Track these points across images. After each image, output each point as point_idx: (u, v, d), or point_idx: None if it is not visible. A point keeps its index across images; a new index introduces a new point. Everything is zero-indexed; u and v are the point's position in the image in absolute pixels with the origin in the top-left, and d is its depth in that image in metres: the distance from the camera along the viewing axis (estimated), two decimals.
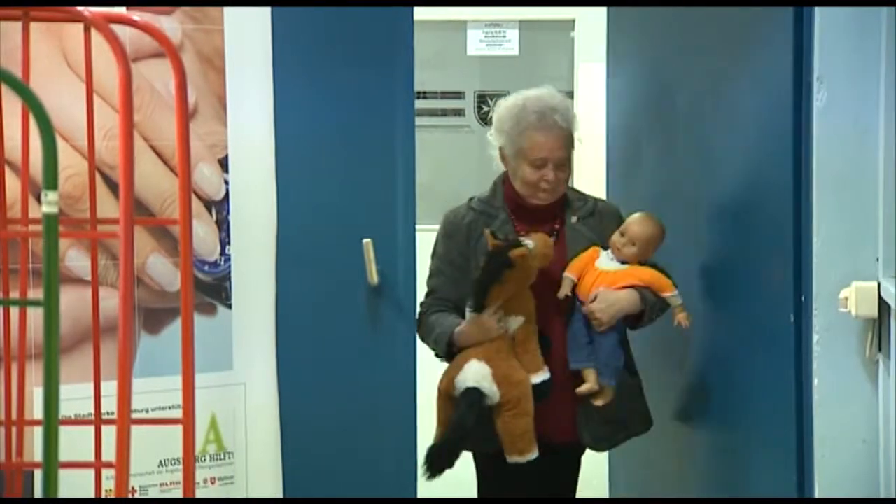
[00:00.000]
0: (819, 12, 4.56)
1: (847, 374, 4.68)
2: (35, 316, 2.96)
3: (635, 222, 4.56)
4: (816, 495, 4.65)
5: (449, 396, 4.46)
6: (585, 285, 4.58)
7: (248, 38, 4.47)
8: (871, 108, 4.54)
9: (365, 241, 4.58)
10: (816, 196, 4.64)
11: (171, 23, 4.17)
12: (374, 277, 4.61)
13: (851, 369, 4.67)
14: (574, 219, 4.65)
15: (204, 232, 4.36)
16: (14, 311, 3.20)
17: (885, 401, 4.55)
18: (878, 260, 4.51)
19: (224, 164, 4.45)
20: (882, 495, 4.49)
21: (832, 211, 4.63)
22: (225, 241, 4.49)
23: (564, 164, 4.52)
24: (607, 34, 6.66)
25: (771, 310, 4.71)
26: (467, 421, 4.35)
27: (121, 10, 3.92)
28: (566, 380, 4.54)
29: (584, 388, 4.49)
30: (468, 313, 4.51)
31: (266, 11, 4.47)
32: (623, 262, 4.53)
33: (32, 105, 2.82)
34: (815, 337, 4.68)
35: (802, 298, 4.70)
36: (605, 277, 4.51)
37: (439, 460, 4.35)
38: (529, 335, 4.47)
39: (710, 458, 5.13)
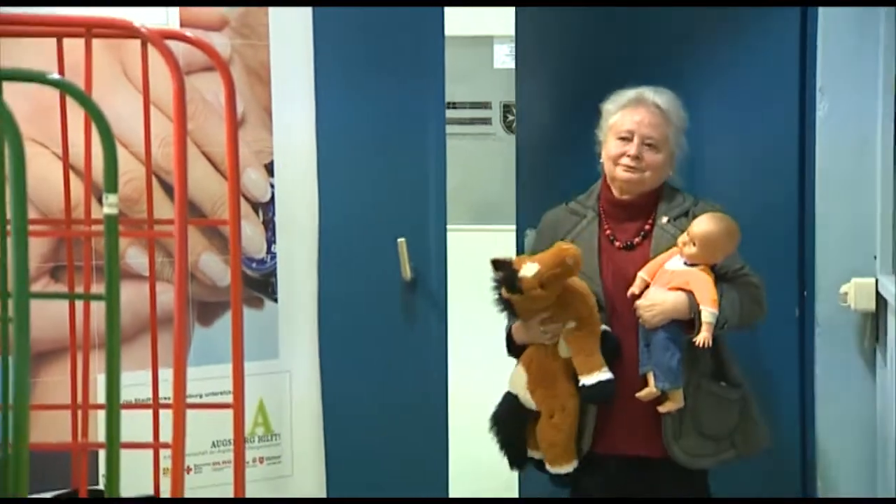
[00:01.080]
0: (821, 27, 4.62)
1: (846, 363, 4.70)
2: (98, 309, 2.98)
3: (697, 220, 3.94)
4: (818, 473, 4.68)
5: None
6: None
7: (292, 52, 4.47)
8: (870, 117, 4.55)
9: (400, 240, 4.58)
10: (819, 198, 4.68)
11: (220, 39, 4.19)
12: (407, 274, 4.62)
13: (851, 359, 4.69)
14: (664, 219, 4.09)
15: (252, 231, 4.37)
16: (79, 305, 3.22)
17: (882, 387, 4.56)
18: (875, 258, 4.53)
19: (270, 168, 4.46)
20: (878, 472, 4.50)
21: (833, 212, 4.66)
22: (271, 240, 4.50)
23: (654, 146, 4.02)
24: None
25: (776, 304, 4.63)
26: (500, 422, 4.13)
27: (175, 27, 3.97)
28: (642, 387, 3.97)
29: (642, 393, 3.91)
30: None
31: (308, 27, 4.47)
32: (690, 265, 3.92)
33: (94, 115, 2.84)
34: (818, 329, 4.71)
35: (805, 293, 4.72)
36: (664, 277, 3.95)
37: (510, 462, 4.20)
38: (584, 338, 3.97)
39: None
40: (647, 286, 4.00)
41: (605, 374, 3.92)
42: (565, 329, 3.99)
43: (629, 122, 4.01)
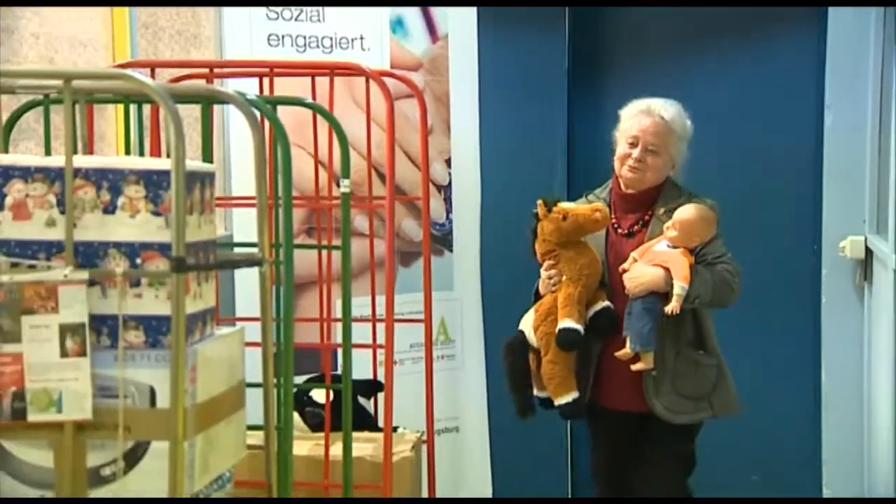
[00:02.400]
0: (829, 60, 4.57)
1: (844, 295, 4.65)
2: (336, 256, 3.05)
3: (680, 209, 3.38)
4: (823, 368, 4.63)
5: None
6: None
7: (463, 84, 4.47)
8: (861, 125, 4.52)
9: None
10: (826, 181, 4.65)
11: (417, 76, 4.21)
12: None
13: (847, 293, 4.63)
14: (661, 211, 3.48)
15: (436, 204, 4.38)
16: (324, 253, 3.28)
17: (869, 313, 4.50)
18: (864, 221, 4.46)
19: (448, 162, 4.48)
20: (865, 365, 4.46)
21: (835, 191, 4.63)
22: (449, 210, 4.52)
23: (656, 152, 3.46)
24: None
25: (795, 254, 4.75)
26: (508, 357, 3.47)
27: (387, 68, 4.03)
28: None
29: (619, 353, 3.33)
30: None
31: (475, 68, 4.49)
32: (673, 247, 3.34)
33: (335, 126, 2.91)
34: (824, 271, 4.65)
35: (815, 247, 4.66)
36: (649, 256, 3.36)
37: (515, 404, 3.49)
38: (568, 294, 3.32)
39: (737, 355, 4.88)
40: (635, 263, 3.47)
41: (570, 324, 3.28)
42: (562, 280, 3.37)
43: (636, 129, 3.46)
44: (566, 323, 3.28)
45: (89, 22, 3.50)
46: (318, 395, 3.32)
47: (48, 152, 2.58)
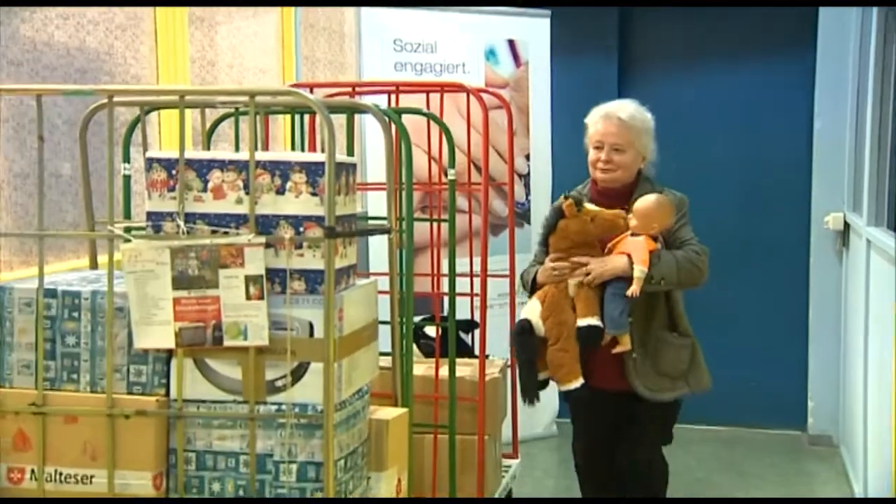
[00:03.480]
0: (818, 78, 4.51)
1: (827, 258, 4.61)
2: (444, 227, 3.02)
3: (639, 200, 2.80)
4: (809, 315, 4.57)
5: None
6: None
7: (539, 98, 4.45)
8: (842, 129, 4.45)
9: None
10: (814, 171, 4.64)
11: (505, 92, 4.15)
12: None
13: (830, 256, 4.59)
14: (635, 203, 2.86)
15: (518, 189, 4.37)
16: (434, 225, 3.27)
17: (846, 271, 4.45)
18: (843, 202, 4.43)
19: (527, 157, 4.46)
20: (842, 313, 4.38)
21: (821, 179, 4.60)
22: (528, 193, 4.51)
23: (620, 150, 2.88)
24: None
25: (791, 226, 4.69)
26: (517, 345, 2.86)
27: (482, 86, 3.99)
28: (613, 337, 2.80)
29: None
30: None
31: (547, 86, 4.43)
32: (635, 235, 2.77)
33: (445, 130, 2.88)
34: (812, 239, 4.63)
35: (808, 222, 4.60)
36: (617, 245, 2.80)
37: (522, 386, 2.88)
38: (587, 292, 2.76)
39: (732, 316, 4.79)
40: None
41: (594, 321, 2.73)
42: (576, 281, 2.77)
43: (600, 133, 2.90)
44: (590, 321, 2.72)
45: (267, 56, 3.55)
46: (431, 330, 3.33)
47: (237, 149, 2.61)
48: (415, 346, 3.21)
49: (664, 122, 4.81)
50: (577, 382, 2.76)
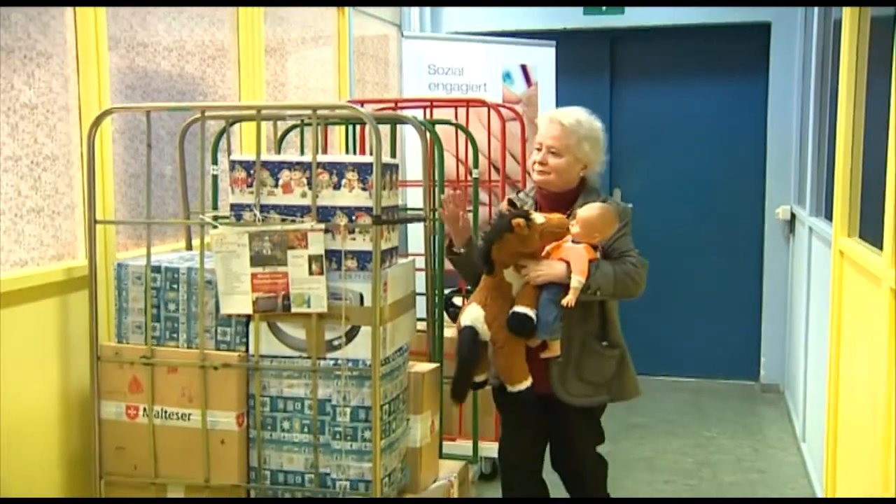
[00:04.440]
0: (770, 92, 4.36)
1: (777, 242, 4.48)
2: (468, 217, 2.95)
3: (583, 207, 2.15)
4: (763, 293, 4.49)
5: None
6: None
7: (546, 110, 4.35)
8: (790, 135, 4.34)
9: None
10: (768, 170, 4.51)
11: (519, 107, 4.03)
12: None
13: (780, 240, 4.48)
14: (577, 210, 2.16)
15: (529, 185, 4.29)
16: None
17: (792, 253, 4.31)
18: (790, 196, 4.32)
19: None
20: (788, 287, 4.29)
21: (773, 177, 4.48)
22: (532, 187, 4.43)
23: (557, 154, 2.20)
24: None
25: (749, 216, 4.49)
26: (463, 352, 2.09)
27: (499, 101, 3.91)
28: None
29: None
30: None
31: (553, 101, 4.32)
32: (577, 243, 2.12)
33: (470, 137, 2.81)
34: (766, 227, 4.51)
35: (762, 213, 4.51)
36: (557, 252, 2.13)
37: (456, 388, 2.12)
38: (529, 289, 2.08)
39: (691, 302, 4.67)
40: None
41: (528, 311, 2.06)
42: (518, 280, 2.12)
43: (541, 135, 2.26)
44: (525, 310, 2.07)
45: (326, 78, 3.51)
46: (458, 300, 3.30)
47: (302, 153, 2.58)
48: (445, 313, 3.19)
49: (646, 128, 4.80)
50: (527, 382, 2.12)
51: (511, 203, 2.20)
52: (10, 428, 1.85)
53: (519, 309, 2.07)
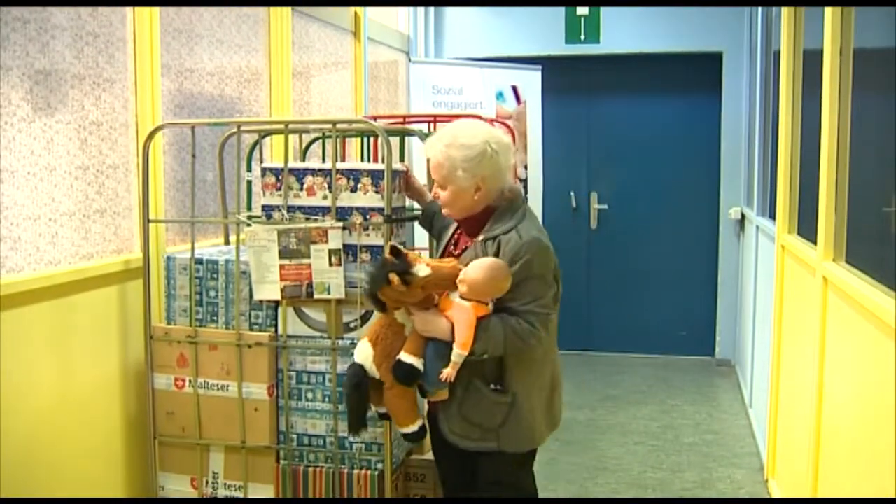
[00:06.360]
0: (723, 109, 4.30)
1: (730, 238, 4.43)
2: None
3: (470, 266, 1.63)
4: (718, 287, 4.47)
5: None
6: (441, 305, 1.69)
7: (534, 126, 4.29)
8: (739, 147, 4.29)
9: (571, 192, 4.38)
10: (721, 177, 4.45)
11: (511, 121, 4.05)
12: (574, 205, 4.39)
13: (732, 236, 4.44)
14: (481, 238, 1.69)
15: (520, 186, 4.26)
16: None
17: (742, 248, 4.26)
18: (741, 199, 4.29)
19: (525, 167, 4.34)
20: (739, 275, 4.27)
21: (727, 182, 4.42)
22: (525, 192, 4.27)
23: (441, 185, 1.72)
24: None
25: (705, 217, 4.42)
26: (348, 391, 1.71)
27: (493, 117, 3.88)
28: None
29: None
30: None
31: (539, 117, 4.32)
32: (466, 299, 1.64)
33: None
34: (721, 226, 4.45)
35: (717, 213, 4.47)
36: (446, 303, 1.66)
37: (349, 424, 1.74)
38: (418, 335, 1.67)
39: (656, 293, 4.62)
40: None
41: (415, 361, 1.65)
42: (409, 322, 1.70)
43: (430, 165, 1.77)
44: (412, 359, 1.67)
45: (344, 98, 3.50)
46: None
47: (323, 161, 2.57)
48: None
49: (618, 139, 4.75)
50: (416, 425, 1.74)
51: (394, 251, 1.64)
52: (83, 395, 1.89)
53: (405, 358, 1.66)
